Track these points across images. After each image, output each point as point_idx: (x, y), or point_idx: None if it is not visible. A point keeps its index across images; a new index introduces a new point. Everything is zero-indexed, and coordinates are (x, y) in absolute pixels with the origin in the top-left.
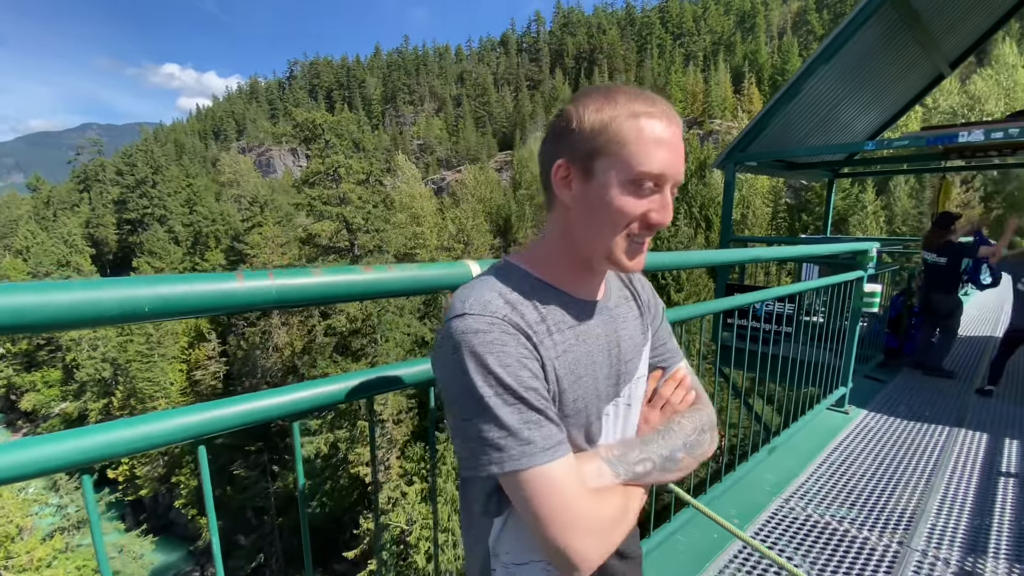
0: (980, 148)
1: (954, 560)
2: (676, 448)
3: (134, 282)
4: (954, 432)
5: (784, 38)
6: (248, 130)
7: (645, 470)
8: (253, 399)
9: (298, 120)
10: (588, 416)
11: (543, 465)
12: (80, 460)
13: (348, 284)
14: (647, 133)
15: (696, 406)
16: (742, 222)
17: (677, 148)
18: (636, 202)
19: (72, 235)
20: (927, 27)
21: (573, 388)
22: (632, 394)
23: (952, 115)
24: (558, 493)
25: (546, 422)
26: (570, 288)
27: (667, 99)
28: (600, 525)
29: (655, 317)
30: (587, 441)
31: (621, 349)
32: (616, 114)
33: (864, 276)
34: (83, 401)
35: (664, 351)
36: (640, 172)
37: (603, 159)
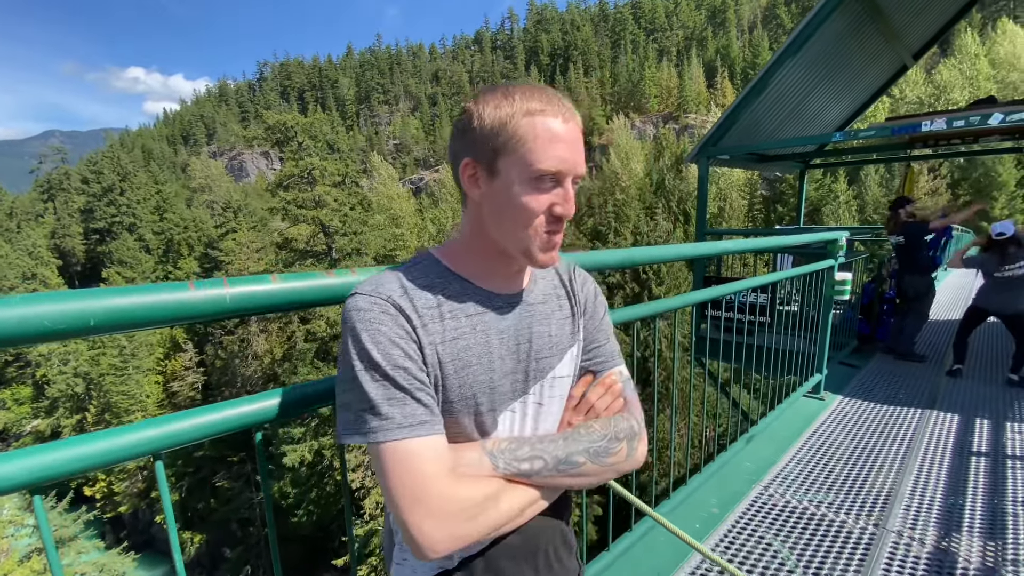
0: (944, 136)
1: (929, 539)
2: (576, 452)
3: (78, 295)
4: (926, 414)
5: (755, 32)
6: (218, 134)
7: (533, 468)
8: (212, 411)
9: (270, 123)
10: (478, 406)
11: (399, 440)
12: (29, 481)
13: (307, 290)
14: (543, 131)
15: (620, 414)
16: (719, 215)
17: (574, 143)
18: (539, 198)
19: (37, 247)
20: (889, 19)
21: (459, 375)
22: (545, 394)
23: (919, 105)
24: (410, 470)
25: (411, 401)
26: (480, 280)
27: (565, 97)
28: (451, 508)
29: (591, 318)
30: (480, 433)
31: (533, 346)
32: (513, 112)
33: (835, 265)
34: (55, 418)
35: (597, 354)
36: (539, 169)
37: (505, 158)
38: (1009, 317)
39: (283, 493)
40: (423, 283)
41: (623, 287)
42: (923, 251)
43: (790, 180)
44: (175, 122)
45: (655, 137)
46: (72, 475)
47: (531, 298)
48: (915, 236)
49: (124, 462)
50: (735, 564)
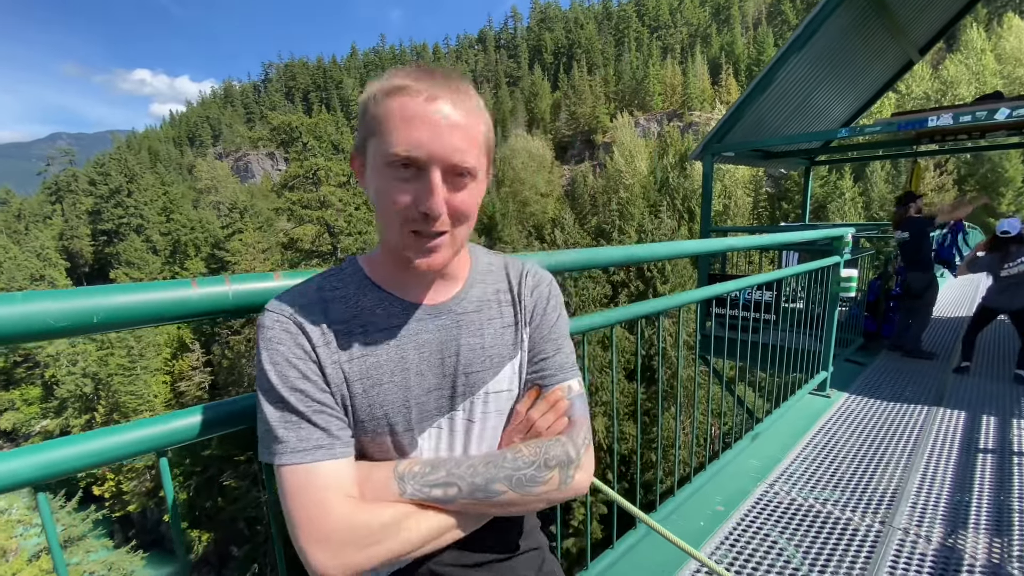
0: (951, 132)
1: (935, 536)
2: (496, 479)
3: (81, 292)
4: (933, 411)
5: (759, 28)
6: (224, 135)
7: (446, 495)
8: (216, 408)
9: (275, 124)
10: (392, 426)
11: (292, 465)
12: (33, 477)
13: None
14: (398, 111)
15: (557, 437)
16: (724, 212)
17: (439, 125)
18: (399, 188)
19: (45, 248)
20: (895, 14)
21: (368, 394)
22: (477, 410)
23: (925, 100)
24: (304, 495)
25: (306, 424)
26: (397, 289)
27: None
28: (342, 537)
29: (539, 326)
30: (398, 453)
31: (461, 359)
32: (375, 92)
33: (841, 261)
34: (64, 418)
35: (544, 367)
36: (391, 154)
37: (370, 142)
38: (1016, 313)
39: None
40: (339, 294)
41: (627, 285)
42: (927, 247)
43: (795, 177)
44: (181, 124)
45: (659, 135)
46: (76, 472)
47: (461, 307)
48: (919, 231)
49: (128, 459)
50: (740, 562)
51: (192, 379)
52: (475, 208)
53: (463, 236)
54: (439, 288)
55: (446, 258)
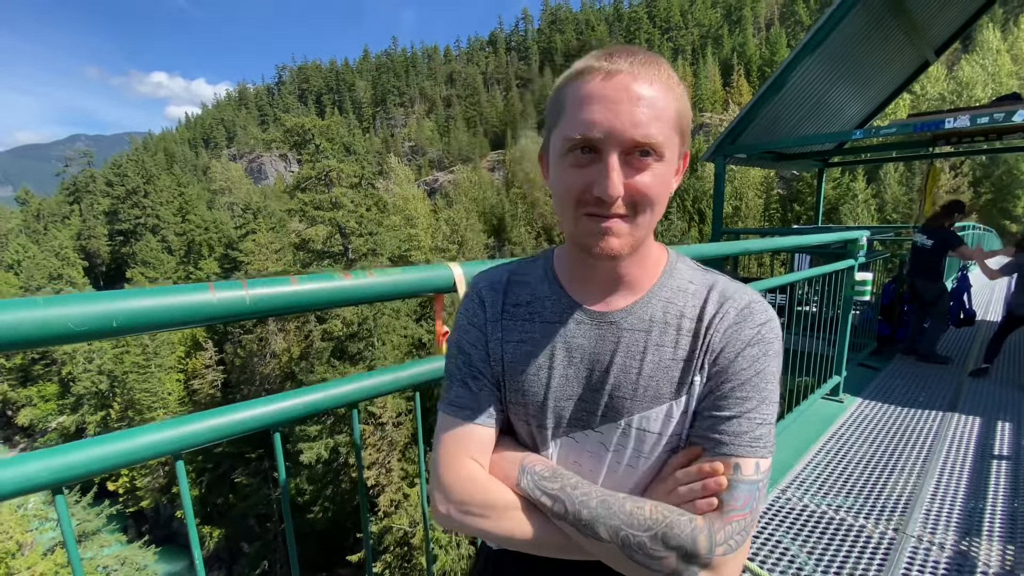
0: (967, 133)
1: (949, 544)
2: (602, 523)
3: (102, 297)
4: (948, 417)
5: (772, 29)
6: (238, 137)
7: (552, 507)
8: (230, 411)
9: (288, 125)
10: (527, 416)
11: (443, 413)
12: (51, 480)
13: (326, 291)
14: (575, 95)
15: (692, 515)
16: (735, 214)
17: (616, 103)
18: (572, 175)
19: (64, 248)
20: (911, 14)
21: (515, 377)
22: (614, 439)
23: (941, 101)
24: (445, 444)
25: (459, 384)
26: (571, 286)
27: (637, 52)
28: (453, 495)
29: (722, 376)
30: (531, 444)
31: (610, 378)
32: (564, 80)
33: (855, 265)
34: (80, 414)
35: (713, 427)
36: (566, 138)
37: (551, 132)
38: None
39: (299, 490)
40: (524, 278)
41: None
42: (943, 261)
43: (807, 179)
44: (196, 126)
45: None
46: (93, 475)
47: (628, 321)
48: (943, 244)
49: (145, 462)
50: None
51: (205, 377)
52: (661, 193)
53: (647, 225)
54: (616, 296)
55: (625, 244)
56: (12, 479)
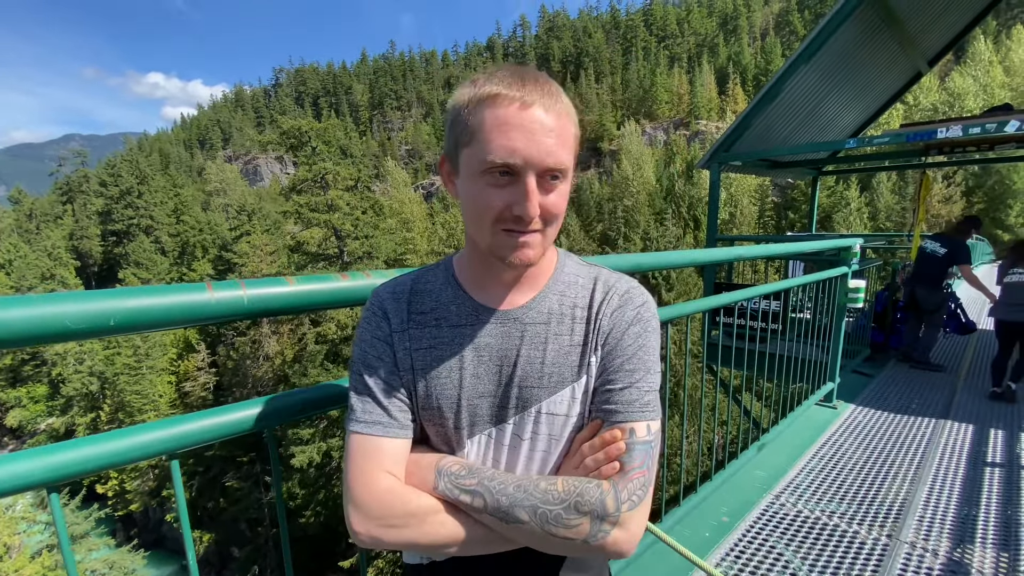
0: (959, 143)
1: (942, 551)
2: (520, 505)
3: (99, 295)
4: (940, 424)
5: (767, 39)
6: (234, 138)
7: (472, 503)
8: (224, 412)
9: (284, 127)
10: (443, 420)
11: (353, 433)
12: (46, 479)
13: (323, 292)
14: (491, 119)
15: (599, 481)
16: (730, 221)
17: (532, 132)
18: (494, 194)
19: (56, 248)
20: (905, 25)
21: (428, 384)
22: (527, 428)
23: (933, 112)
24: (356, 462)
25: (370, 400)
26: (474, 289)
27: (545, 81)
28: (372, 511)
29: (612, 354)
30: (447, 447)
31: (517, 371)
32: (468, 100)
33: (848, 272)
34: (70, 416)
35: (610, 400)
36: (487, 162)
37: (463, 150)
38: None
39: (291, 494)
40: (427, 287)
41: None
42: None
43: (801, 186)
44: (192, 127)
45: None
46: (88, 474)
47: (529, 316)
48: (954, 255)
49: (138, 461)
50: (745, 574)
51: (197, 380)
52: (564, 207)
53: (552, 235)
54: (515, 294)
55: (538, 254)
56: (5, 477)
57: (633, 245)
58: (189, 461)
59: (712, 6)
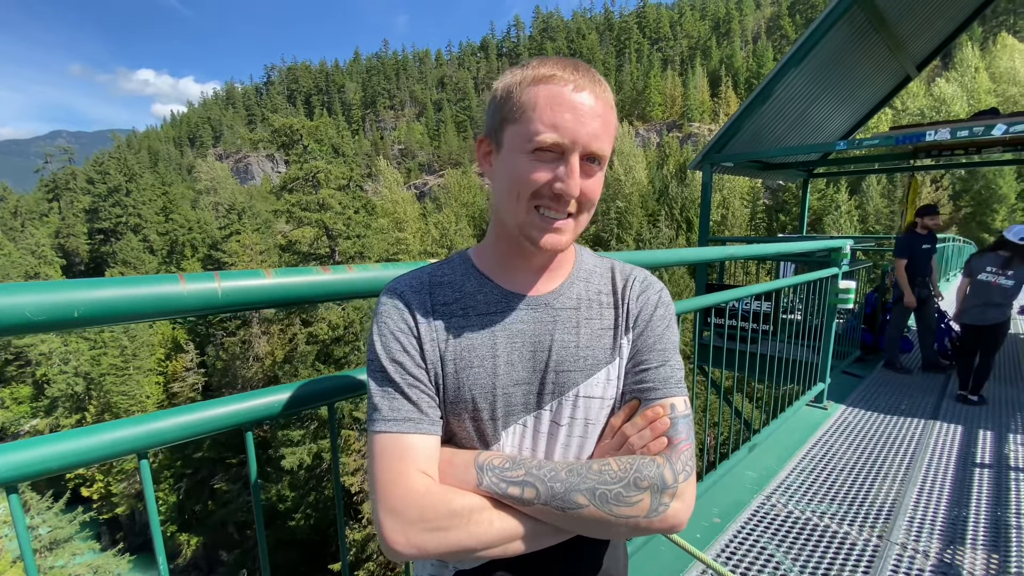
0: (947, 147)
1: (933, 552)
2: (577, 489)
3: (62, 286)
4: (930, 425)
5: (759, 43)
6: (225, 136)
7: (522, 495)
8: (200, 408)
9: (276, 126)
10: (477, 411)
11: (381, 433)
12: (5, 478)
13: (302, 285)
14: (546, 98)
15: (653, 456)
16: (722, 223)
17: (584, 114)
18: (537, 170)
19: (41, 246)
20: (894, 30)
21: (458, 375)
22: (565, 413)
23: (920, 116)
24: (386, 464)
25: (398, 396)
26: (500, 276)
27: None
28: (411, 514)
29: (643, 334)
30: (480, 441)
31: (552, 355)
32: (522, 79)
33: (839, 273)
34: (55, 417)
35: (645, 379)
36: (538, 140)
37: (509, 127)
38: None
39: (281, 496)
40: (446, 279)
41: None
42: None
43: (792, 189)
44: (182, 124)
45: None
46: (50, 473)
47: (559, 301)
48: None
49: (106, 460)
50: (737, 574)
51: (186, 380)
52: (599, 195)
53: (583, 224)
54: (542, 281)
55: (568, 240)
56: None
57: (626, 246)
58: (176, 463)
59: (705, 9)
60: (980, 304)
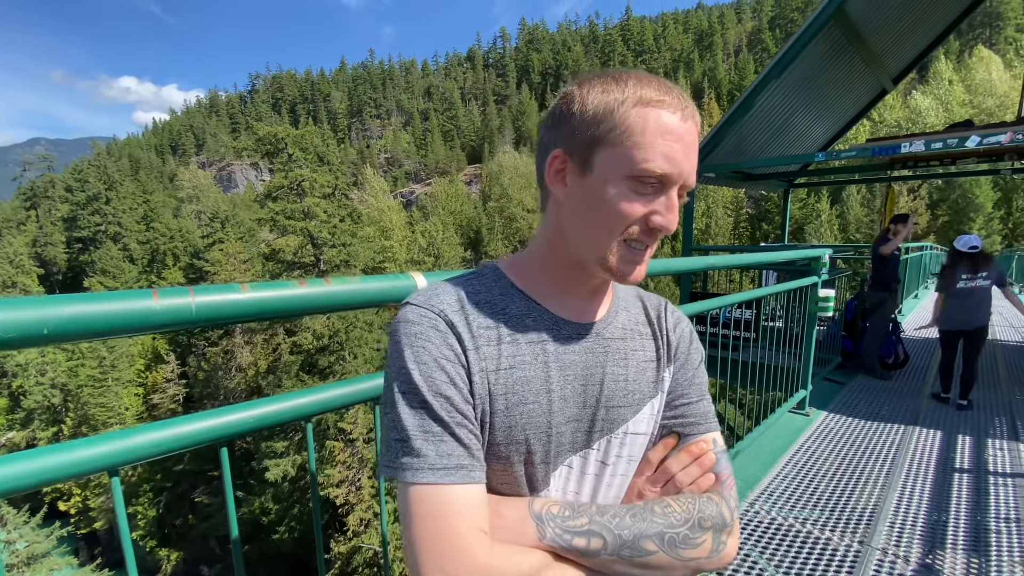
0: (923, 158)
1: (913, 557)
2: (646, 535)
3: (30, 302)
4: (910, 431)
5: (740, 56)
6: (208, 144)
7: (589, 546)
8: (175, 424)
9: (260, 134)
10: (530, 454)
11: (429, 485)
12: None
13: (278, 300)
14: (656, 124)
15: (708, 494)
16: (706, 232)
17: (689, 145)
18: (637, 201)
19: (18, 255)
20: (870, 45)
21: (510, 412)
22: (612, 452)
23: (897, 128)
24: (436, 523)
25: (448, 437)
26: (548, 300)
27: (685, 93)
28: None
29: (683, 367)
30: (529, 488)
31: (604, 389)
32: (624, 98)
33: (819, 281)
34: (31, 430)
35: (687, 413)
36: (644, 168)
37: (604, 150)
38: (972, 333)
39: (264, 509)
40: (483, 298)
41: None
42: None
43: (775, 199)
44: (164, 132)
45: None
46: (23, 491)
47: (608, 331)
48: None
49: (77, 478)
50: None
51: (166, 391)
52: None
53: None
54: (590, 308)
55: (646, 270)
56: None
57: None
58: (156, 476)
59: (687, 23)
60: (964, 309)
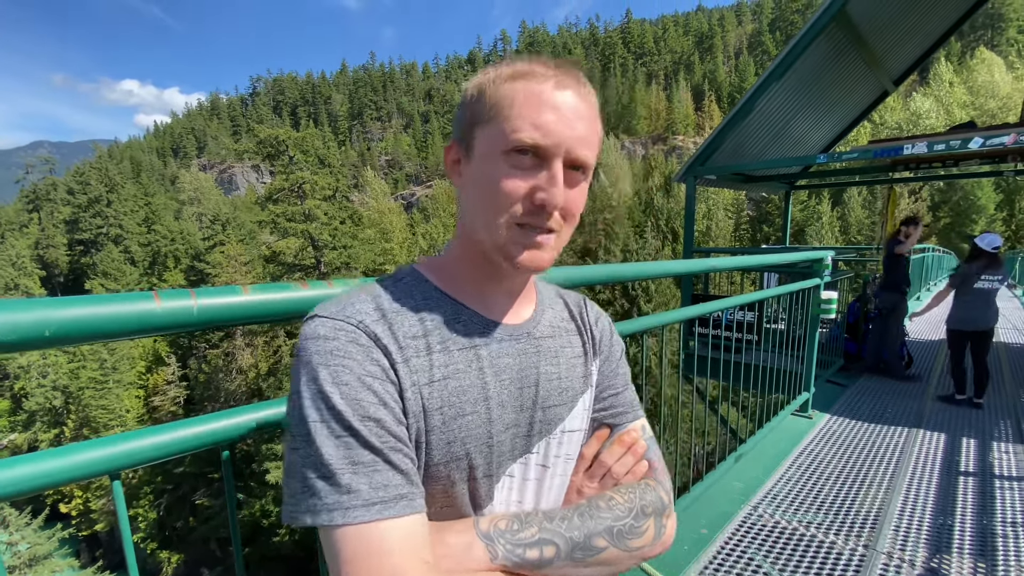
0: (925, 160)
1: (919, 560)
2: (595, 533)
3: (32, 304)
4: (914, 433)
5: (741, 58)
6: (209, 147)
7: (543, 556)
8: (176, 428)
9: (261, 136)
10: (472, 470)
11: (366, 523)
12: None
13: (281, 302)
14: (524, 95)
15: (645, 480)
16: (707, 234)
17: (567, 115)
18: (517, 177)
19: (20, 257)
20: (871, 46)
21: (449, 426)
22: (552, 453)
23: (898, 130)
24: (376, 564)
25: (383, 465)
26: (473, 302)
27: (576, 68)
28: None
29: (608, 360)
30: (472, 505)
31: (540, 391)
32: (496, 76)
33: (821, 284)
34: (32, 431)
35: (615, 404)
36: (514, 139)
37: (479, 129)
38: (983, 333)
39: (265, 511)
40: (406, 304)
41: (612, 303)
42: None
43: (776, 201)
44: (165, 135)
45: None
46: (24, 494)
47: (538, 330)
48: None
49: (78, 481)
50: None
51: (167, 394)
52: (582, 208)
53: (564, 241)
54: (518, 307)
55: (550, 259)
56: None
57: (613, 257)
58: (157, 479)
59: (688, 25)
60: (978, 309)
